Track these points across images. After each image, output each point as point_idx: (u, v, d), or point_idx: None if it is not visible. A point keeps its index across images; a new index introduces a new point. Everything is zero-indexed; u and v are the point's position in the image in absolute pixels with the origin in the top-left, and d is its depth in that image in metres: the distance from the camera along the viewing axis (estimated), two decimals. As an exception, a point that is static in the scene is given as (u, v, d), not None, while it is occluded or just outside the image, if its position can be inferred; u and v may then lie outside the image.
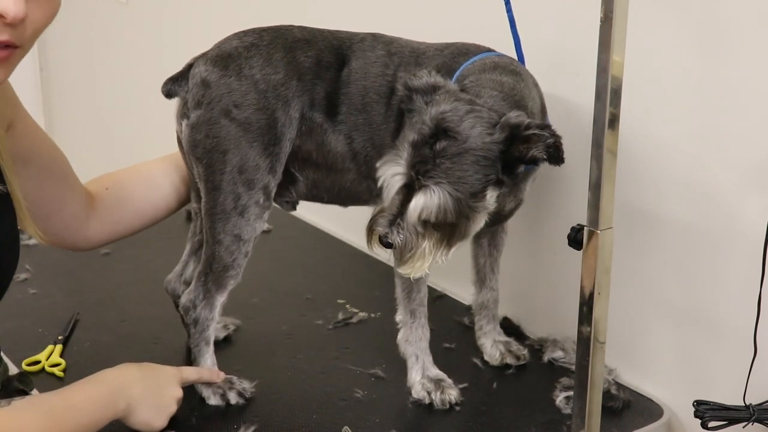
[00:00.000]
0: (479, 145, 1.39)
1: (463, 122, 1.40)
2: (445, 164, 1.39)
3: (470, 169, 1.40)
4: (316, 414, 1.60)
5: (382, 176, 1.43)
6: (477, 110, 1.41)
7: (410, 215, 1.40)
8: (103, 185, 1.68)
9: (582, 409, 1.42)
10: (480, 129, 1.40)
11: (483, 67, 1.55)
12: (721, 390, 1.53)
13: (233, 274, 1.62)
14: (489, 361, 1.77)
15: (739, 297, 1.52)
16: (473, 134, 1.39)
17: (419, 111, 1.44)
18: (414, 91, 1.46)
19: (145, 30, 3.19)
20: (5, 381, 1.42)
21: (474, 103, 1.43)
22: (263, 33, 1.64)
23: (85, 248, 1.69)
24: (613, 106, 1.31)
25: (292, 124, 1.60)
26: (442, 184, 1.38)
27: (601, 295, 1.37)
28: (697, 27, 1.55)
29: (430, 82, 1.46)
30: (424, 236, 1.43)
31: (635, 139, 1.64)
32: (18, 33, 1.21)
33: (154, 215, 1.72)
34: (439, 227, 1.42)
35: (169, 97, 1.64)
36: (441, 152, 1.39)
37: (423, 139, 1.40)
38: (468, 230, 1.45)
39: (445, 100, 1.42)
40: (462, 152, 1.39)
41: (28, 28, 1.22)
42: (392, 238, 1.42)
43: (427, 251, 1.43)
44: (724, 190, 1.56)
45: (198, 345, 1.65)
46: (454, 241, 1.45)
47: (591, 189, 1.35)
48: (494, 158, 1.40)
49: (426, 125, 1.40)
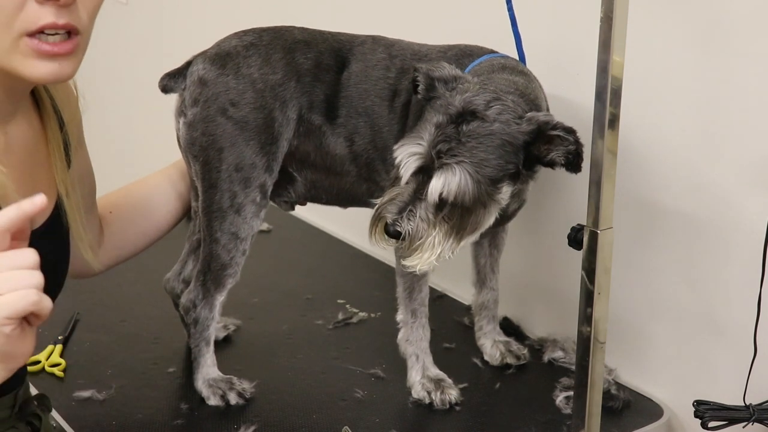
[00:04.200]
0: (506, 130, 1.39)
1: (490, 108, 1.39)
2: (470, 143, 1.37)
3: (494, 152, 1.38)
4: (316, 414, 1.60)
5: (399, 156, 1.40)
6: (503, 100, 1.41)
7: (429, 195, 1.38)
8: (106, 209, 1.64)
9: (582, 409, 1.42)
10: (507, 116, 1.40)
11: (491, 68, 1.55)
12: (721, 390, 1.53)
13: (231, 272, 1.62)
14: (489, 361, 1.77)
15: (739, 297, 1.52)
16: (501, 119, 1.39)
17: (443, 96, 1.43)
18: (436, 80, 1.45)
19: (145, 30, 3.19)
20: (23, 403, 1.41)
21: (498, 93, 1.42)
22: (263, 33, 1.64)
23: (89, 276, 1.62)
24: (613, 106, 1.31)
25: (289, 125, 1.60)
26: (465, 163, 1.37)
27: (601, 295, 1.37)
28: (697, 27, 1.55)
29: (452, 73, 1.46)
30: (435, 225, 1.40)
31: (635, 139, 1.64)
32: (74, 15, 1.20)
33: (157, 235, 1.69)
34: (451, 217, 1.41)
35: (166, 93, 1.63)
36: (467, 132, 1.38)
37: (449, 119, 1.39)
38: (480, 221, 1.43)
39: (469, 88, 1.42)
40: (489, 134, 1.38)
41: (81, 10, 1.21)
42: (401, 226, 1.39)
43: (437, 242, 1.41)
44: (723, 190, 1.56)
45: (198, 345, 1.65)
46: (465, 234, 1.43)
47: (591, 189, 1.35)
48: (518, 147, 1.40)
49: (453, 106, 1.39)
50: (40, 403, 1.45)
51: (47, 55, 1.19)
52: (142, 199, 1.67)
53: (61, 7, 1.18)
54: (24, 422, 1.38)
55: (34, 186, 1.34)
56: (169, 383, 1.70)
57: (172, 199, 1.70)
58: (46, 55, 1.19)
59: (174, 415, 1.59)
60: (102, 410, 1.60)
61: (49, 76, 1.21)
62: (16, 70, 1.21)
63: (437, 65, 1.48)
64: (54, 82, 1.28)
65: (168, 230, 1.71)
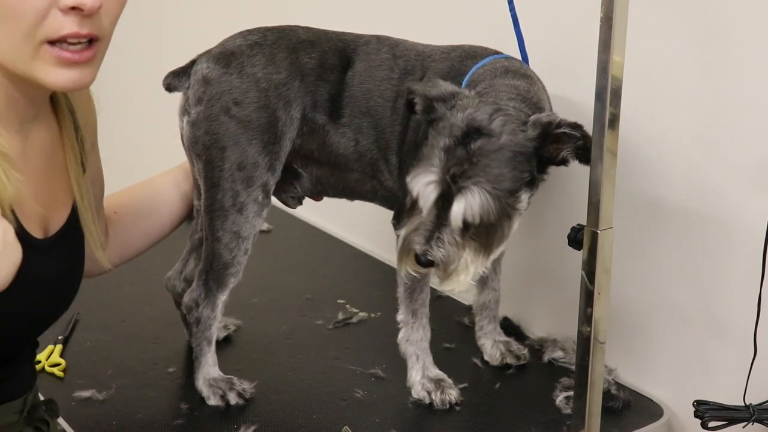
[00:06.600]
0: (514, 141, 1.38)
1: (493, 121, 1.39)
2: (482, 161, 1.37)
3: (508, 165, 1.38)
4: (316, 414, 1.60)
5: (415, 188, 1.39)
6: (504, 109, 1.41)
7: (453, 220, 1.37)
8: (111, 210, 1.64)
9: (582, 409, 1.42)
10: (512, 126, 1.39)
11: (494, 72, 1.54)
12: (721, 390, 1.53)
13: (233, 271, 1.62)
14: (489, 361, 1.77)
15: (739, 297, 1.52)
16: (506, 131, 1.38)
17: (444, 117, 1.42)
18: (434, 100, 1.44)
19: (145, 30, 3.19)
20: (32, 408, 1.41)
21: (498, 104, 1.42)
22: (267, 33, 1.64)
23: (95, 275, 1.61)
24: (613, 106, 1.31)
25: (293, 124, 1.61)
26: (481, 183, 1.36)
27: (601, 295, 1.37)
28: (697, 27, 1.55)
29: (449, 89, 1.45)
30: (464, 246, 1.40)
31: (635, 139, 1.64)
32: (97, 24, 1.20)
33: (160, 236, 1.69)
34: (478, 234, 1.40)
35: (170, 91, 1.64)
36: (477, 151, 1.37)
37: (456, 140, 1.38)
38: (506, 233, 1.42)
39: (469, 104, 1.42)
40: (499, 148, 1.38)
41: (104, 18, 1.22)
42: (432, 254, 1.39)
43: (469, 261, 1.41)
44: (723, 190, 1.56)
45: (200, 344, 1.65)
46: (493, 248, 1.42)
47: (591, 189, 1.35)
48: (529, 155, 1.40)
49: (457, 126, 1.39)
50: (48, 409, 1.46)
51: (68, 62, 1.20)
52: (146, 200, 1.68)
53: (85, 16, 1.18)
54: (32, 427, 1.39)
55: (51, 190, 1.35)
56: (169, 383, 1.70)
57: (177, 201, 1.70)
58: (66, 63, 1.20)
59: (174, 415, 1.59)
60: (102, 410, 1.60)
61: (69, 83, 1.22)
62: (37, 78, 1.21)
63: (433, 84, 1.47)
64: (73, 90, 1.28)
65: (171, 231, 1.71)
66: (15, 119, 1.27)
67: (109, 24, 1.24)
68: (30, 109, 1.30)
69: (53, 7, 1.17)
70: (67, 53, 1.19)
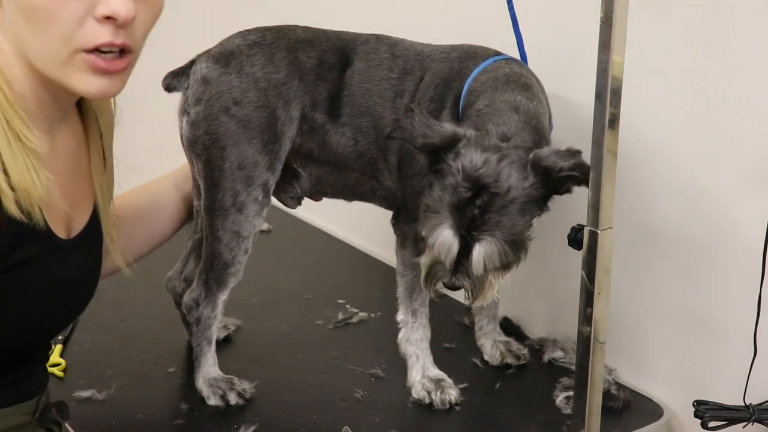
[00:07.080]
0: (520, 193, 1.41)
1: (499, 174, 1.40)
2: (494, 218, 1.40)
3: (518, 214, 1.41)
4: (316, 414, 1.60)
5: (435, 247, 1.43)
6: (506, 154, 1.41)
7: (475, 268, 1.42)
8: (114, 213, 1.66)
9: (582, 409, 1.42)
10: (516, 175, 1.41)
11: (495, 84, 1.53)
12: (721, 390, 1.53)
13: (234, 271, 1.62)
14: (489, 361, 1.77)
15: (739, 297, 1.52)
16: (512, 183, 1.40)
17: (448, 171, 1.42)
18: (435, 149, 1.45)
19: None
20: (44, 409, 1.41)
21: (500, 148, 1.42)
22: (266, 32, 1.64)
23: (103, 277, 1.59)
24: (613, 106, 1.31)
25: (293, 123, 1.61)
26: (496, 234, 1.40)
27: (601, 295, 1.37)
28: (697, 27, 1.55)
29: (449, 132, 1.44)
30: (487, 274, 1.44)
31: (635, 139, 1.64)
32: (130, 35, 1.23)
33: (161, 239, 1.69)
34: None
35: (169, 91, 1.64)
36: (487, 208, 1.40)
37: (464, 201, 1.40)
38: (522, 255, 1.46)
39: (471, 150, 1.42)
40: (507, 204, 1.41)
41: (137, 30, 1.24)
42: (459, 281, 1.44)
43: (493, 281, 1.46)
44: (724, 191, 1.56)
45: (200, 344, 1.65)
46: (513, 265, 1.46)
47: (591, 189, 1.35)
48: (536, 198, 1.43)
49: (463, 186, 1.40)
50: (59, 411, 1.46)
51: (100, 71, 1.22)
52: (147, 204, 1.68)
53: (119, 26, 1.20)
54: (43, 428, 1.40)
55: (75, 191, 1.37)
56: (169, 383, 1.70)
57: (177, 204, 1.71)
58: (99, 71, 1.22)
59: (174, 415, 1.59)
60: (102, 410, 1.60)
61: (98, 91, 1.24)
62: (68, 83, 1.23)
63: (431, 129, 1.45)
64: (102, 97, 1.32)
65: (172, 234, 1.72)
66: (45, 120, 1.29)
67: (141, 37, 1.26)
68: (58, 111, 1.32)
69: (89, 15, 1.19)
70: (101, 61, 1.21)
